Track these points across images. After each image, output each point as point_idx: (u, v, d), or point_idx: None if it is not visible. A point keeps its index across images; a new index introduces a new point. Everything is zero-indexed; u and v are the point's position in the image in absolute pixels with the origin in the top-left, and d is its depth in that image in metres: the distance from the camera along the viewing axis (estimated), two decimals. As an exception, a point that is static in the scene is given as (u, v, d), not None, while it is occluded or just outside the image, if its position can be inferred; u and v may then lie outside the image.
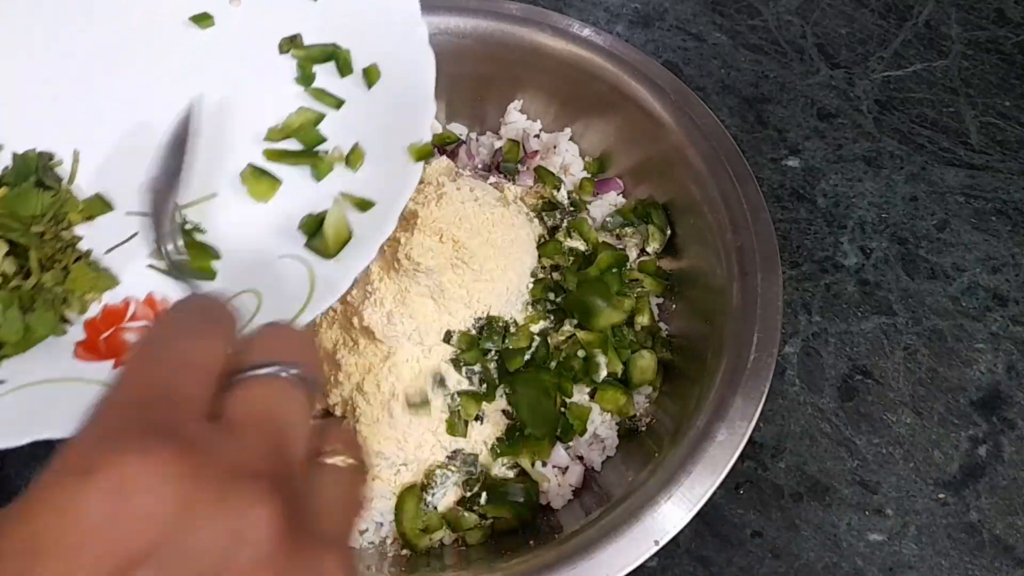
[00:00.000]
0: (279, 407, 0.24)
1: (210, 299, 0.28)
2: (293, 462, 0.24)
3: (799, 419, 0.61)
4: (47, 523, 0.19)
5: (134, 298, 0.44)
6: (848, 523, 0.57)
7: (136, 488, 0.19)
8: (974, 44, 0.83)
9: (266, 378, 0.25)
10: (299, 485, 0.23)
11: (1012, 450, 0.60)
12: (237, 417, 0.24)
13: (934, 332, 0.65)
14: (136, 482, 0.19)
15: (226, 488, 0.21)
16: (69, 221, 0.46)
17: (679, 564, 0.55)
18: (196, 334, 0.25)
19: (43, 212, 0.44)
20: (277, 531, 0.21)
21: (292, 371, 0.25)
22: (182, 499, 0.20)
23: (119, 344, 0.42)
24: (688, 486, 0.47)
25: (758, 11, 0.85)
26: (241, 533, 0.20)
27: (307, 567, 0.21)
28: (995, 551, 0.56)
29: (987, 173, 0.74)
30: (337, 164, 0.48)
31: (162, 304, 0.44)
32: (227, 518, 0.20)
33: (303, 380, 0.25)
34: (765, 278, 0.55)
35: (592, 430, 0.57)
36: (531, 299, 0.60)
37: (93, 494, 0.19)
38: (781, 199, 0.72)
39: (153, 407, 0.22)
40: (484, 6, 0.68)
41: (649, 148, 0.65)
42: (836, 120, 0.77)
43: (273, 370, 0.25)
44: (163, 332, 0.26)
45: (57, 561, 0.19)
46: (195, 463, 0.20)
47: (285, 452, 0.23)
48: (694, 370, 0.56)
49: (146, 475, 0.20)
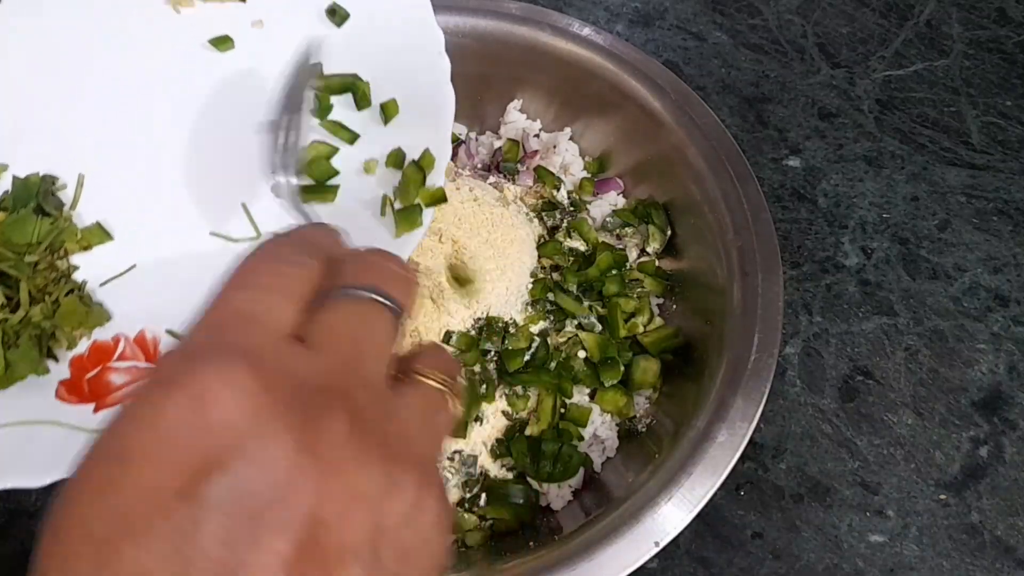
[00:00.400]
0: (360, 327, 0.25)
1: (312, 226, 0.29)
2: (372, 379, 0.25)
3: (800, 420, 0.61)
4: (132, 431, 0.21)
5: (124, 336, 0.42)
6: (849, 524, 0.57)
7: (211, 400, 0.21)
8: (975, 43, 0.83)
9: (352, 299, 0.26)
10: (377, 400, 0.24)
11: (1013, 451, 0.60)
12: (318, 336, 0.24)
13: (935, 332, 0.65)
14: (211, 395, 0.21)
15: (296, 402, 0.21)
16: (66, 250, 0.44)
17: (679, 565, 0.55)
18: (289, 259, 0.26)
19: (39, 240, 0.43)
20: (344, 442, 0.22)
21: (379, 296, 0.26)
22: (252, 412, 0.21)
23: (104, 385, 0.40)
24: (688, 487, 0.47)
25: (759, 10, 0.85)
26: (309, 444, 0.21)
27: (377, 477, 0.22)
28: (996, 552, 0.56)
29: (988, 173, 0.74)
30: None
31: (152, 343, 0.42)
32: (295, 430, 0.21)
33: (391, 306, 0.26)
34: (766, 278, 0.54)
35: (592, 431, 0.57)
36: (531, 299, 0.60)
37: (172, 405, 0.21)
38: (782, 199, 0.72)
39: (238, 327, 0.24)
40: (484, 5, 0.68)
41: (649, 148, 0.65)
42: (837, 120, 0.77)
43: (359, 293, 0.26)
44: (258, 257, 0.26)
45: (141, 466, 0.20)
46: (268, 379, 0.21)
47: (362, 369, 0.24)
48: (694, 371, 0.56)
49: (221, 389, 0.21)
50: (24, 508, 0.58)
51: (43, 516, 0.20)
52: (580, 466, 0.55)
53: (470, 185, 0.61)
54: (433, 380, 0.27)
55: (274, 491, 0.20)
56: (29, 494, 0.59)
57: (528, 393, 0.57)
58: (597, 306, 0.61)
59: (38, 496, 0.59)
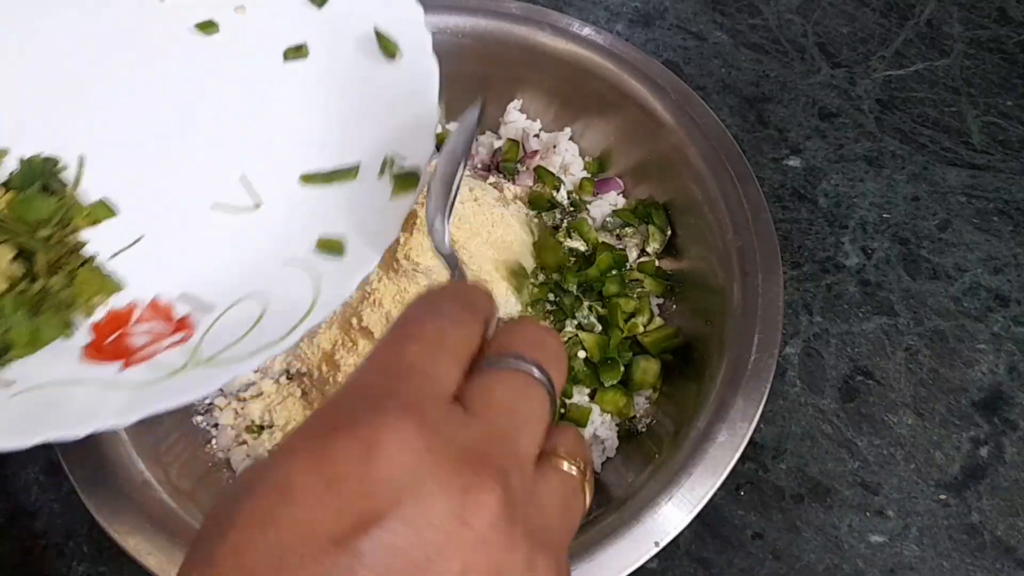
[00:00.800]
0: (519, 401, 0.25)
1: (472, 287, 0.30)
2: (524, 458, 0.25)
3: (800, 420, 0.61)
4: (300, 468, 0.21)
5: (139, 302, 0.44)
6: (849, 524, 0.57)
7: (379, 452, 0.21)
8: (976, 43, 0.83)
9: (513, 371, 0.26)
10: (526, 481, 0.24)
11: (1014, 451, 0.60)
12: (478, 403, 0.24)
13: (936, 333, 0.65)
14: (379, 446, 0.21)
15: (454, 469, 0.22)
16: (75, 226, 0.46)
17: (679, 566, 0.55)
18: (454, 318, 0.26)
19: (49, 217, 0.45)
20: (496, 519, 0.22)
21: (537, 370, 0.26)
22: (415, 471, 0.21)
23: (125, 347, 0.42)
24: (688, 487, 0.47)
25: (759, 10, 0.85)
26: (462, 514, 0.21)
27: (520, 561, 0.22)
28: (996, 552, 0.56)
29: (989, 173, 0.74)
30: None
31: (166, 307, 0.44)
32: (451, 497, 0.21)
33: (547, 382, 0.26)
34: (766, 278, 0.54)
35: (592, 431, 0.57)
36: (531, 299, 0.60)
37: (342, 450, 0.21)
38: (782, 199, 0.72)
39: (404, 381, 0.24)
40: (483, 5, 0.68)
41: (649, 148, 0.65)
42: (837, 120, 0.77)
43: (521, 365, 0.26)
44: (423, 311, 0.27)
45: (303, 506, 0.20)
46: (432, 440, 0.22)
47: (517, 446, 0.24)
48: (694, 371, 0.56)
49: (389, 442, 0.21)
50: (24, 508, 0.58)
51: (43, 516, 0.20)
52: None
53: (470, 185, 0.61)
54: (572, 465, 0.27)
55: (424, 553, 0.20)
56: (29, 494, 0.59)
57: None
58: (597, 306, 0.61)
59: (38, 496, 0.59)
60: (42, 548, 0.57)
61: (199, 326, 0.42)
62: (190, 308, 0.44)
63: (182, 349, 0.41)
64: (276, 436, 0.57)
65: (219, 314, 0.42)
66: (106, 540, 0.47)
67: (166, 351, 0.41)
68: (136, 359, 0.41)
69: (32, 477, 0.59)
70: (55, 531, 0.57)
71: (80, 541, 0.57)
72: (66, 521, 0.58)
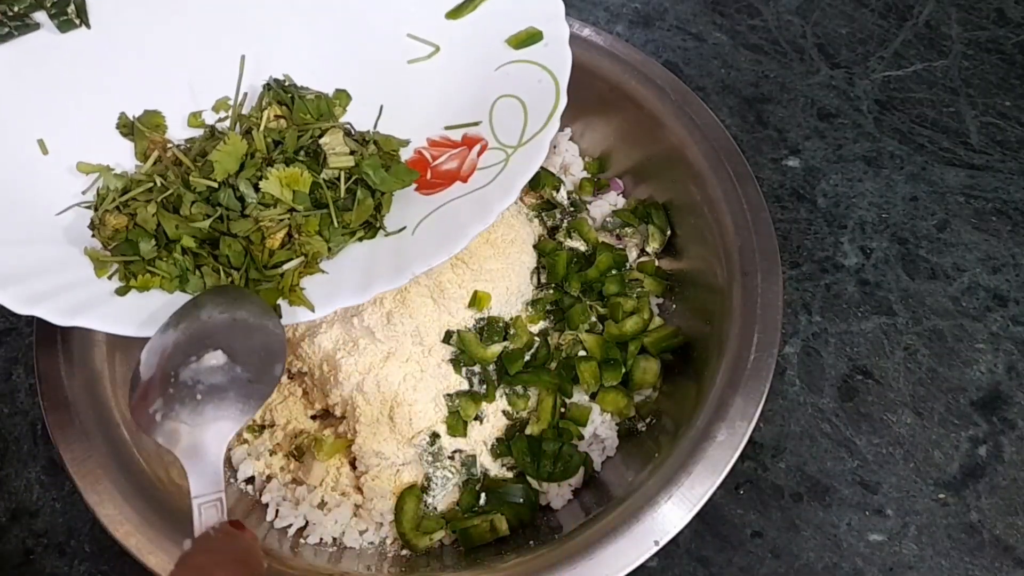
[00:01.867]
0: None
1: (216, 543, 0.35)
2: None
3: (799, 419, 0.61)
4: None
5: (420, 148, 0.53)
6: (848, 523, 0.57)
7: None
8: (974, 44, 0.83)
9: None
10: None
11: (1012, 450, 0.60)
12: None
13: (934, 332, 0.65)
14: None
15: None
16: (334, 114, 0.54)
17: (679, 564, 0.55)
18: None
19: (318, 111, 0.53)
20: None
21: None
22: None
23: (446, 172, 0.51)
24: (688, 486, 0.47)
25: (758, 11, 0.85)
26: None
27: None
28: (995, 551, 0.56)
29: (987, 173, 0.74)
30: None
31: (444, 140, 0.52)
32: None
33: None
34: (765, 278, 0.54)
35: (592, 430, 0.57)
36: (532, 299, 0.60)
37: None
38: (781, 199, 0.72)
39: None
40: (484, 6, 0.68)
41: (649, 148, 0.65)
42: (836, 120, 0.77)
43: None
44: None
45: None
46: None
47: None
48: (694, 371, 0.56)
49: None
50: (26, 507, 0.58)
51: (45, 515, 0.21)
52: (580, 465, 0.55)
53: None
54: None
55: None
56: (30, 492, 0.59)
57: (528, 392, 0.57)
58: (597, 306, 0.61)
59: (39, 495, 0.59)
60: (44, 547, 0.57)
61: (484, 134, 0.50)
62: (462, 131, 0.52)
63: (491, 151, 0.49)
64: (277, 435, 0.58)
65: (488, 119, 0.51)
66: (107, 539, 0.47)
67: (480, 157, 0.49)
68: (465, 174, 0.49)
69: (34, 476, 0.60)
70: (57, 530, 0.57)
71: (82, 540, 0.57)
72: (67, 520, 0.58)
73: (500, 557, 0.51)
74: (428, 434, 0.55)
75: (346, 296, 0.44)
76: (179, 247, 0.46)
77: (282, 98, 0.53)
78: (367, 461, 0.55)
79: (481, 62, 0.53)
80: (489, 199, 0.46)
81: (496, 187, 0.47)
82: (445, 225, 0.46)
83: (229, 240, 0.46)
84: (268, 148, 0.50)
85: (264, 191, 0.47)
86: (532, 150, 0.48)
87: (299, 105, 0.52)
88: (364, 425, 0.54)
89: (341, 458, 0.56)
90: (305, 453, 0.56)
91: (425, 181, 0.51)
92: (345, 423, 0.56)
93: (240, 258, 0.46)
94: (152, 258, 0.46)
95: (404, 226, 0.48)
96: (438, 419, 0.55)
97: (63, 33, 0.53)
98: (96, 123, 0.53)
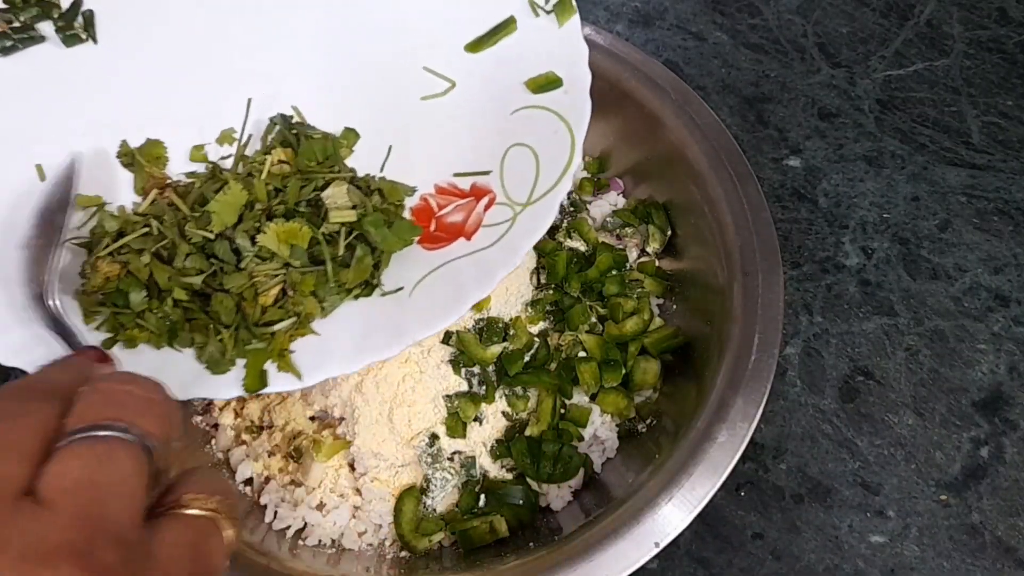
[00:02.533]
0: (100, 472, 0.24)
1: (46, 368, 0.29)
2: (120, 525, 0.23)
3: (800, 420, 0.61)
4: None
5: (427, 195, 0.50)
6: (849, 525, 0.57)
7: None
8: (976, 43, 0.83)
9: (84, 443, 0.24)
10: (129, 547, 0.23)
11: (1014, 451, 0.60)
12: (48, 491, 0.23)
13: (936, 333, 0.65)
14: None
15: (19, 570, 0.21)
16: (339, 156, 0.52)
17: (679, 566, 0.55)
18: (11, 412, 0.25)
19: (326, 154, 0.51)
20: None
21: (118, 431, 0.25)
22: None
23: (449, 226, 0.48)
24: (689, 487, 0.47)
25: (759, 10, 0.85)
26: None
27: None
28: (997, 553, 0.56)
29: (989, 173, 0.73)
30: None
31: (451, 187, 0.50)
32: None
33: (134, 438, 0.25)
34: (766, 278, 0.54)
35: (592, 431, 0.57)
36: (531, 299, 0.60)
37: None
38: (782, 199, 0.72)
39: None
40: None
41: (649, 148, 0.65)
42: (837, 120, 0.77)
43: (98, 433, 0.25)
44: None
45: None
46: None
47: (105, 519, 0.23)
48: (694, 371, 0.56)
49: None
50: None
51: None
52: (580, 467, 0.55)
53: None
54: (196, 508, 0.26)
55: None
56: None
57: (528, 394, 0.57)
58: (597, 306, 0.61)
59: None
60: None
61: (493, 185, 0.48)
62: (470, 179, 0.49)
63: (499, 206, 0.47)
64: (275, 437, 0.57)
65: (499, 169, 0.49)
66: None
67: (487, 213, 0.47)
68: (469, 230, 0.47)
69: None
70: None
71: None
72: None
73: (500, 559, 0.50)
74: (427, 435, 0.55)
75: (336, 365, 0.42)
76: (170, 299, 0.44)
77: (287, 138, 0.51)
78: (366, 462, 0.54)
79: (497, 103, 0.51)
80: (491, 263, 0.44)
81: (499, 250, 0.45)
82: (444, 288, 0.44)
83: (221, 296, 0.44)
84: (269, 196, 0.47)
85: (261, 244, 0.45)
86: (541, 211, 0.45)
87: (305, 148, 0.50)
88: (363, 426, 0.54)
89: (340, 459, 0.56)
90: (304, 454, 0.56)
91: (428, 234, 0.49)
92: (344, 424, 0.56)
93: (232, 316, 0.44)
94: (142, 310, 0.44)
95: (402, 286, 0.46)
96: (437, 420, 0.55)
97: (68, 48, 0.51)
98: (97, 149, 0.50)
